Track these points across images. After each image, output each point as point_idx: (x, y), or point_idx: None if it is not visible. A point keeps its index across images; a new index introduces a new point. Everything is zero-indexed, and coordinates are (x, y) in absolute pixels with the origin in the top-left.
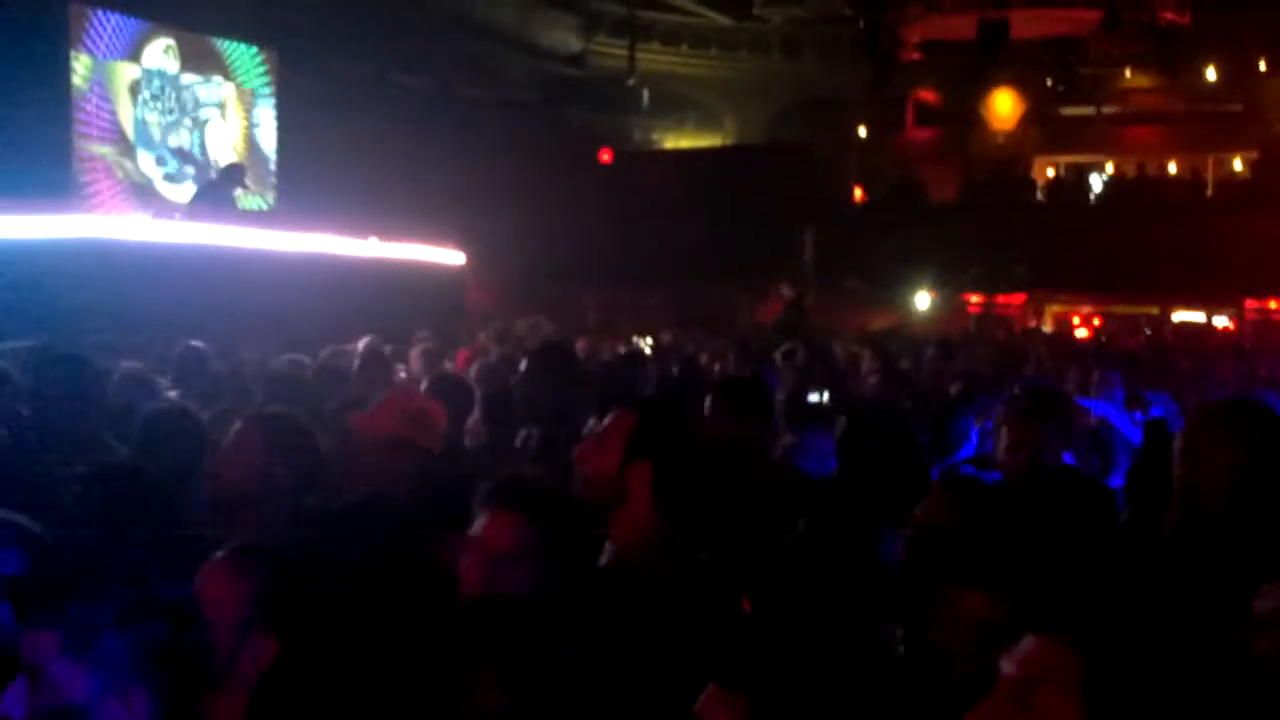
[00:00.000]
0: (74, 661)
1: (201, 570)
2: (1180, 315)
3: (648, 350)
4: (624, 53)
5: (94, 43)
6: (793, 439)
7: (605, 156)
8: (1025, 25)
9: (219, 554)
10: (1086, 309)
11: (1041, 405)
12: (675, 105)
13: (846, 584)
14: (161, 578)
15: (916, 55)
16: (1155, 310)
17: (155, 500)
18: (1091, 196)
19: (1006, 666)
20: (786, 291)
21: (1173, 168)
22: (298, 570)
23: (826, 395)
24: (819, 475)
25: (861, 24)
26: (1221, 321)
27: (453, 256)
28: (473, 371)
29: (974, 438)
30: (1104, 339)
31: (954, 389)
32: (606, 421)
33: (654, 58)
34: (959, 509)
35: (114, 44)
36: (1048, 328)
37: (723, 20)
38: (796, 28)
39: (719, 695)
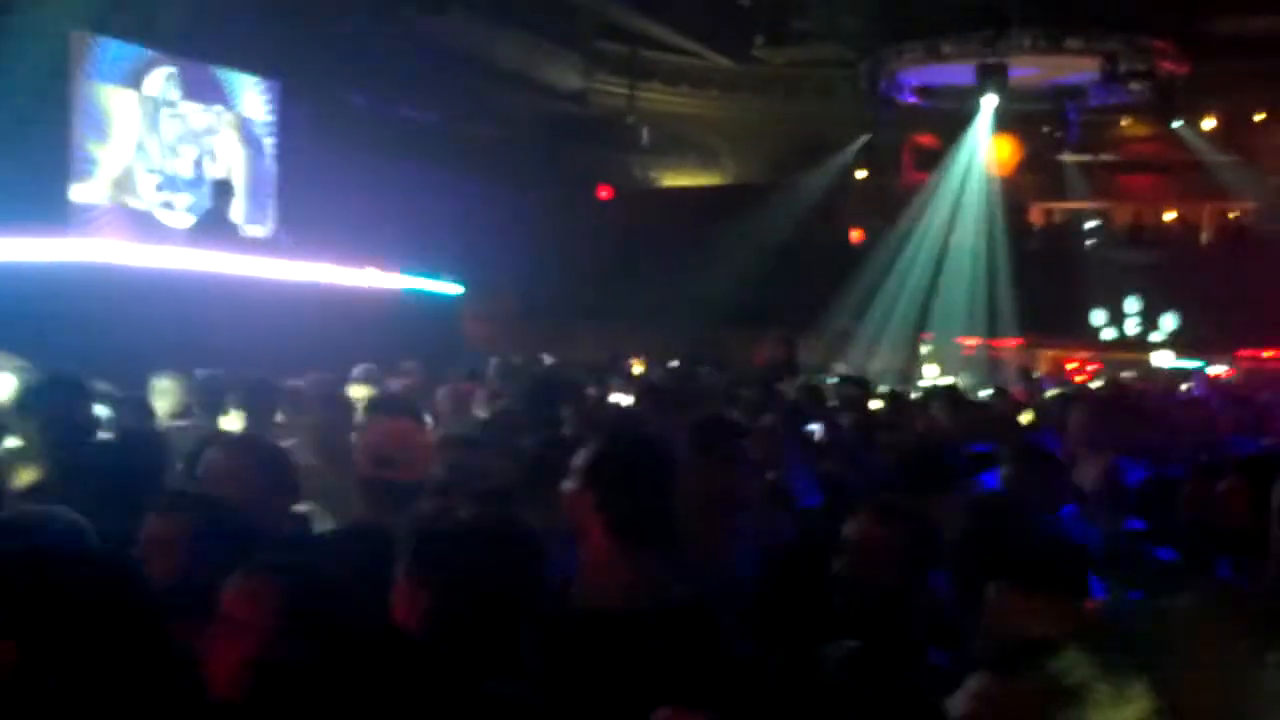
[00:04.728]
0: None
1: (226, 589)
2: (1162, 363)
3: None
4: (625, 91)
5: (94, 69)
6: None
7: (604, 193)
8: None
9: (239, 573)
10: (1083, 354)
11: None
12: (675, 144)
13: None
14: None
15: (915, 99)
16: (1146, 357)
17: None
18: (1086, 244)
19: None
20: (777, 335)
21: (1169, 216)
22: (320, 586)
23: (820, 428)
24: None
25: (862, 68)
26: (1215, 370)
27: (449, 288)
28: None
29: None
30: None
31: None
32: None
33: (655, 97)
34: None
35: (114, 71)
36: (1043, 372)
37: (724, 62)
38: (797, 70)
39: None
